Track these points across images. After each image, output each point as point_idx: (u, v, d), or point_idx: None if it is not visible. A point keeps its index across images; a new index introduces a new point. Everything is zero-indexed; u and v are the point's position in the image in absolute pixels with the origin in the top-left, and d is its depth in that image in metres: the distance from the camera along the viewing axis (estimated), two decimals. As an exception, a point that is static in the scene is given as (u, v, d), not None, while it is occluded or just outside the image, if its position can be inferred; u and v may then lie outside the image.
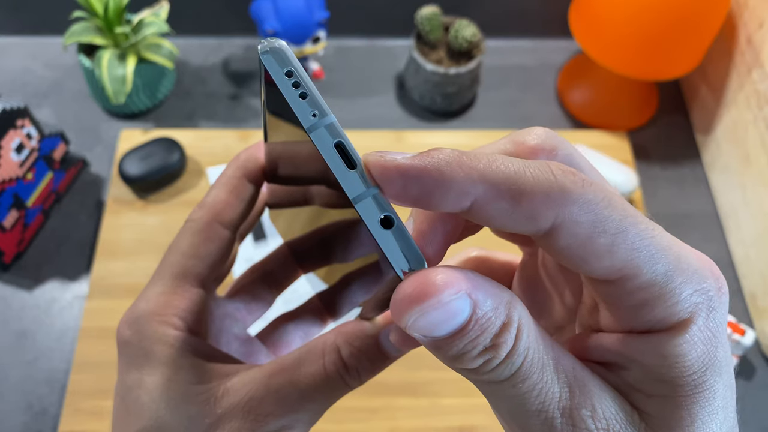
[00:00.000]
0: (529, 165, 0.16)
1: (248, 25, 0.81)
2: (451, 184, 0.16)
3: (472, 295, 0.16)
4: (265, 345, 0.29)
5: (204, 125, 0.82)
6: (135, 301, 0.25)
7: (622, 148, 0.81)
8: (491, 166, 0.16)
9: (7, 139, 0.65)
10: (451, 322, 0.16)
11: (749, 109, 0.73)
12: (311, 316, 0.30)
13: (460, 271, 0.16)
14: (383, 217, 0.17)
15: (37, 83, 0.84)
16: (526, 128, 0.20)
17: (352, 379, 0.23)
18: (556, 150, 0.19)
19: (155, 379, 0.22)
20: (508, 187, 0.16)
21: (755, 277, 0.71)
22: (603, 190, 0.16)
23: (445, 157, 0.16)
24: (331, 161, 0.17)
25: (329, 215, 0.21)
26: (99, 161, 0.78)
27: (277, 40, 0.18)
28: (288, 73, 0.18)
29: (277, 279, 0.29)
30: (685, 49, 0.74)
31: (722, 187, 0.78)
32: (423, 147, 0.82)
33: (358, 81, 0.86)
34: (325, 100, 0.18)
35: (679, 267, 0.16)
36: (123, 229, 0.72)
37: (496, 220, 0.16)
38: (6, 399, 0.64)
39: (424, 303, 0.16)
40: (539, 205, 0.16)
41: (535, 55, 0.90)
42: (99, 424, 0.61)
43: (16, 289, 0.70)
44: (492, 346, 0.16)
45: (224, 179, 0.26)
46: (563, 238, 0.16)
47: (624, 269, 0.16)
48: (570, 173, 0.16)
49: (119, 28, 0.73)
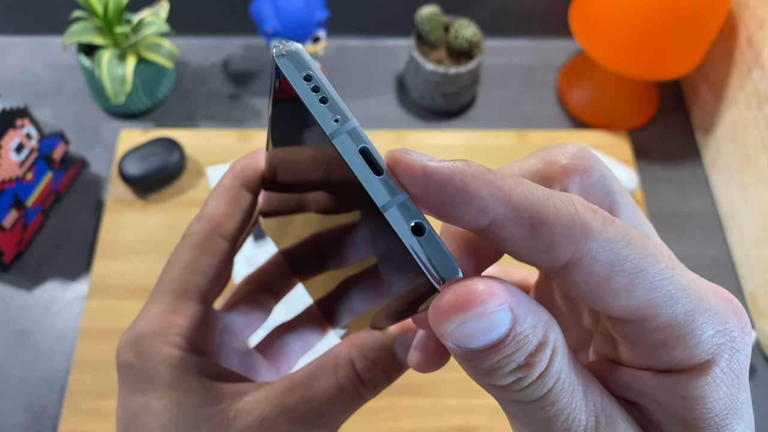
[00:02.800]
0: (554, 195, 0.16)
1: (248, 24, 0.81)
2: (473, 198, 0.15)
3: (514, 309, 0.15)
4: (265, 357, 0.28)
5: (204, 125, 0.82)
6: (134, 321, 0.24)
7: (622, 148, 0.80)
8: (516, 189, 0.15)
9: (6, 139, 0.65)
10: (490, 334, 0.15)
11: (749, 109, 0.73)
12: (310, 325, 0.29)
13: (503, 283, 0.16)
14: (414, 224, 0.16)
15: (37, 83, 0.84)
16: (557, 145, 0.19)
17: (367, 392, 0.22)
18: (591, 171, 0.18)
19: (162, 403, 0.22)
20: (531, 214, 0.15)
21: (755, 277, 0.70)
22: (623, 228, 0.16)
23: (472, 170, 0.16)
24: (356, 168, 0.16)
25: (326, 221, 0.21)
26: (99, 161, 0.78)
27: (292, 43, 0.18)
28: (306, 77, 0.17)
29: (274, 288, 0.29)
30: (686, 49, 0.74)
31: (722, 187, 0.78)
32: (423, 147, 0.82)
33: (358, 81, 0.86)
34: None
35: (700, 307, 0.16)
36: (123, 229, 0.72)
37: (512, 245, 0.16)
38: (6, 399, 0.64)
39: (468, 311, 0.15)
40: (558, 238, 0.15)
41: (536, 55, 0.90)
42: (99, 425, 0.61)
43: (15, 289, 0.70)
44: (526, 365, 0.15)
45: (222, 189, 0.25)
46: (579, 275, 0.16)
47: (642, 309, 0.16)
48: (591, 209, 0.16)
49: (119, 27, 0.73)
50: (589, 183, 0.18)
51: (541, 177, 0.18)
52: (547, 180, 0.18)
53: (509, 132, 0.81)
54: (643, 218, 0.19)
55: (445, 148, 0.80)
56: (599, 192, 0.19)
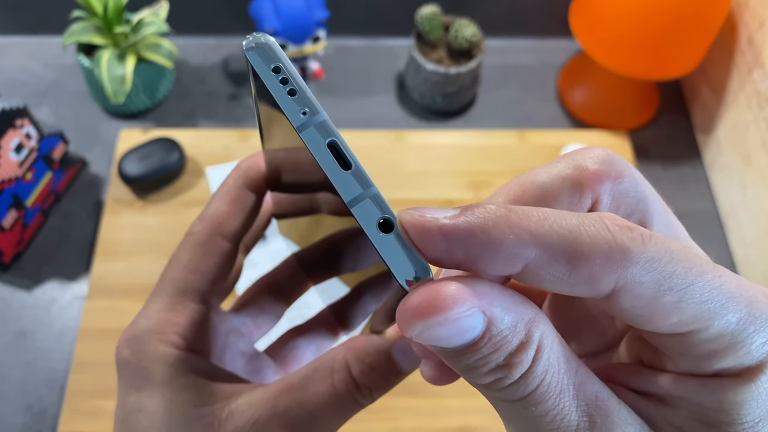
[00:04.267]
0: (584, 223, 0.15)
1: (248, 24, 0.81)
2: (500, 248, 0.14)
3: (487, 311, 0.15)
4: (274, 361, 0.27)
5: (203, 125, 0.81)
6: (134, 319, 0.24)
7: (622, 148, 0.80)
8: (543, 226, 0.14)
9: (6, 138, 0.65)
10: (460, 337, 0.15)
11: (750, 109, 0.72)
12: (323, 329, 0.28)
13: (475, 283, 0.15)
14: (382, 220, 0.15)
15: (37, 83, 0.84)
16: (584, 149, 0.18)
17: (363, 398, 0.22)
18: (623, 176, 0.18)
19: (156, 402, 0.22)
20: (564, 250, 0.14)
21: (756, 277, 0.70)
22: (664, 244, 0.15)
23: (492, 216, 0.15)
24: (323, 162, 0.16)
25: (337, 222, 0.20)
26: (98, 161, 0.78)
27: (263, 35, 0.17)
28: (275, 69, 0.17)
29: (286, 291, 0.28)
30: (686, 48, 0.74)
31: (723, 187, 0.78)
32: (423, 147, 0.82)
33: (358, 81, 0.86)
34: (325, 99, 0.17)
35: (751, 314, 0.15)
36: (122, 229, 0.72)
37: (551, 284, 0.15)
38: (5, 399, 0.63)
39: (429, 319, 0.15)
40: (598, 269, 0.14)
41: (536, 55, 0.90)
42: (98, 425, 0.61)
43: (15, 290, 0.69)
44: (505, 365, 0.15)
45: (225, 189, 0.25)
46: (626, 301, 0.15)
47: (693, 323, 0.15)
48: (628, 229, 0.15)
49: (119, 27, 0.73)
50: (621, 189, 0.18)
51: (572, 183, 0.17)
52: (578, 186, 0.17)
53: (509, 132, 0.81)
54: (676, 223, 0.19)
55: (445, 148, 0.80)
56: (632, 198, 0.18)
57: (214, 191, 0.25)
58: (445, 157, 0.79)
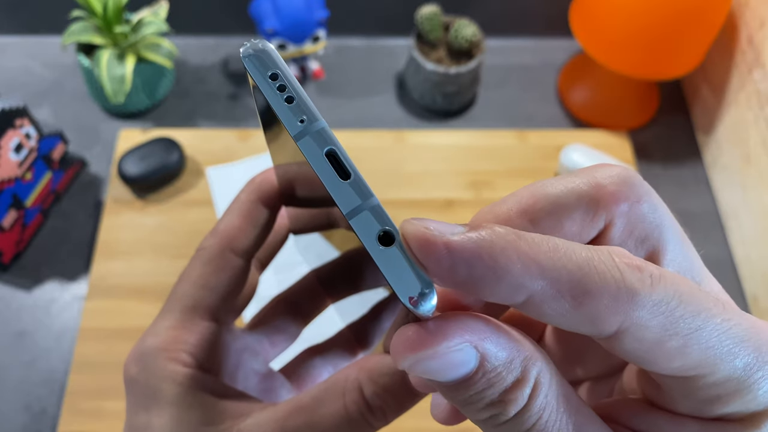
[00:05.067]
0: (594, 258, 0.14)
1: (248, 24, 0.81)
2: (505, 276, 0.14)
3: (479, 346, 0.14)
4: (290, 380, 0.27)
5: (203, 125, 0.81)
6: (143, 336, 0.23)
7: (622, 148, 0.80)
8: (553, 259, 0.14)
9: (5, 138, 0.65)
10: (452, 371, 0.14)
11: (750, 109, 0.72)
12: (341, 348, 0.27)
13: (468, 318, 0.15)
14: (382, 232, 0.14)
15: (36, 83, 0.84)
16: (602, 166, 0.17)
17: (376, 420, 0.21)
18: (641, 200, 0.17)
19: (164, 421, 0.21)
20: (571, 287, 0.14)
21: (757, 278, 0.70)
22: (673, 285, 0.14)
23: (501, 242, 0.14)
24: (321, 171, 0.15)
25: (354, 237, 0.20)
26: (98, 161, 0.78)
27: (261, 41, 0.17)
28: (272, 76, 0.16)
29: (304, 309, 0.27)
30: (686, 48, 0.74)
31: (723, 187, 0.78)
32: (423, 147, 0.82)
33: (358, 81, 0.86)
34: (325, 99, 0.17)
35: (759, 359, 0.15)
36: (122, 229, 0.72)
37: (552, 318, 0.14)
38: (5, 399, 0.63)
39: (419, 352, 0.14)
40: (604, 310, 0.14)
41: (536, 55, 0.90)
42: (98, 425, 0.61)
43: (14, 290, 0.69)
44: (500, 402, 0.15)
45: (238, 204, 0.24)
46: (629, 343, 0.14)
47: (698, 368, 0.15)
48: (637, 269, 0.14)
49: (118, 27, 0.73)
50: (639, 213, 0.17)
51: (588, 201, 0.17)
52: (593, 204, 0.17)
53: (509, 132, 0.81)
54: (691, 252, 0.18)
55: (445, 148, 0.79)
56: (648, 223, 0.17)
57: (227, 206, 0.25)
58: (445, 157, 0.79)
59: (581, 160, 0.75)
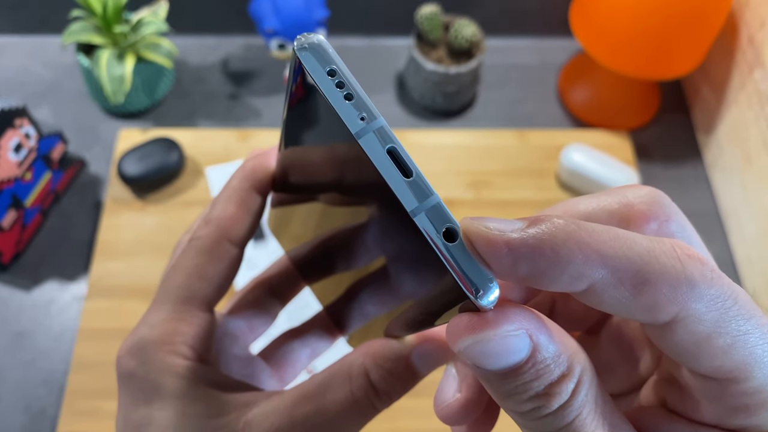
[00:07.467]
0: (656, 248, 0.15)
1: (248, 24, 0.81)
2: (567, 267, 0.14)
3: (533, 336, 0.15)
4: (269, 364, 0.27)
5: (203, 125, 0.81)
6: (136, 328, 0.23)
7: (623, 148, 0.80)
8: (614, 248, 0.14)
9: (5, 138, 0.65)
10: (505, 357, 0.15)
11: (751, 109, 0.72)
12: (319, 331, 0.28)
13: (527, 310, 0.15)
14: (446, 229, 0.15)
15: (36, 83, 0.84)
16: (630, 185, 0.18)
17: (381, 403, 0.22)
18: (671, 219, 0.17)
19: (168, 415, 0.21)
20: (632, 275, 0.14)
21: (757, 277, 0.70)
22: (730, 285, 0.15)
23: (561, 233, 0.14)
24: (384, 170, 0.15)
25: (340, 224, 0.20)
26: (97, 161, 0.78)
27: (315, 35, 0.16)
28: (330, 72, 0.16)
29: (281, 292, 0.27)
30: (687, 48, 0.74)
31: (724, 187, 0.78)
32: (423, 146, 0.82)
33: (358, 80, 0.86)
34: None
35: None
36: (122, 229, 0.72)
37: (611, 306, 0.15)
38: (4, 400, 0.63)
39: (479, 333, 0.15)
40: (663, 298, 0.14)
41: (536, 55, 0.90)
42: (97, 425, 0.61)
43: (14, 290, 0.69)
44: (545, 394, 0.15)
45: (230, 191, 0.24)
46: (680, 334, 0.15)
47: (735, 371, 0.15)
48: (699, 261, 0.15)
49: (118, 27, 0.73)
50: (668, 232, 0.17)
51: (619, 219, 0.17)
52: (624, 223, 0.17)
53: (509, 132, 0.81)
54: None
55: (445, 147, 0.79)
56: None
57: (218, 192, 0.24)
58: (445, 157, 0.79)
59: (581, 160, 0.75)
